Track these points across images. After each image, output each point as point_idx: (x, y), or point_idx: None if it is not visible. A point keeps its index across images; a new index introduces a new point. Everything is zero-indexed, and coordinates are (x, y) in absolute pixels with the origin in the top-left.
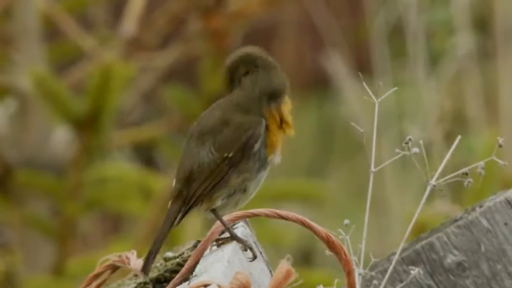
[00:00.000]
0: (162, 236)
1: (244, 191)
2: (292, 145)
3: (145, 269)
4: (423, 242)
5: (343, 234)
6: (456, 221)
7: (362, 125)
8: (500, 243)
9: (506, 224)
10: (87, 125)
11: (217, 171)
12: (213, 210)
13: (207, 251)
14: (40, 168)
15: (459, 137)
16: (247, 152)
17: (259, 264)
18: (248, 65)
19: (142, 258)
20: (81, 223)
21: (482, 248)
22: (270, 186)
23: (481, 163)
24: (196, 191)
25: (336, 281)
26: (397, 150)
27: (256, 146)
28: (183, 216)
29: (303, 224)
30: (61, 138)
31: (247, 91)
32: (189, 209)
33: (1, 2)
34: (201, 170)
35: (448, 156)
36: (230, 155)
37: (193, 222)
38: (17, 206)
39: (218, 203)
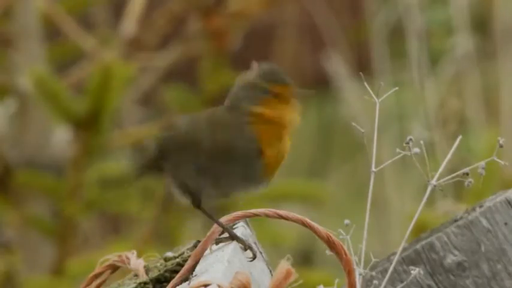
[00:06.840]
0: None
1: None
2: (292, 145)
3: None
4: (423, 242)
5: (344, 234)
6: (456, 221)
7: (362, 125)
8: (500, 243)
9: (506, 224)
10: (87, 125)
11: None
12: (202, 209)
13: (207, 251)
14: (40, 168)
15: (460, 137)
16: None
17: (260, 264)
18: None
19: (142, 258)
20: (81, 223)
21: (482, 248)
22: (270, 186)
23: (482, 163)
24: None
25: (336, 281)
26: (397, 150)
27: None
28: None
29: (303, 224)
30: (61, 138)
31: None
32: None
33: (1, 2)
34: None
35: (449, 156)
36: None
37: (193, 223)
38: (17, 206)
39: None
